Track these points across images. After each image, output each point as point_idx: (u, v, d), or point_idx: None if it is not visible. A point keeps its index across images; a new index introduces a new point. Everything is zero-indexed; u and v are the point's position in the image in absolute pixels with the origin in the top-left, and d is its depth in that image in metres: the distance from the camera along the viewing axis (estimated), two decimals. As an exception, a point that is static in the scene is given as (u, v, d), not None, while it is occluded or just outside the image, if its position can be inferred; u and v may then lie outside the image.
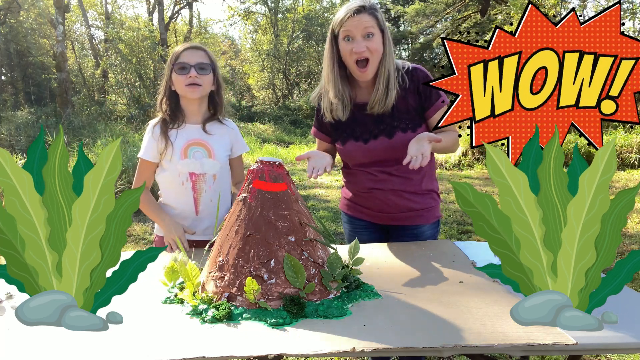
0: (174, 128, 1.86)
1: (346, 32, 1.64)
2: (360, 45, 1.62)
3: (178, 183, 1.84)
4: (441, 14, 20.97)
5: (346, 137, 1.81)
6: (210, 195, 1.87)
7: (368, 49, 1.62)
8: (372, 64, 1.66)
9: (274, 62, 22.09)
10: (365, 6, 1.63)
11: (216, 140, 1.89)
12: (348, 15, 1.62)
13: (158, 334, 1.08)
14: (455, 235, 4.69)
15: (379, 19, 1.65)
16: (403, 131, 1.74)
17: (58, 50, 13.37)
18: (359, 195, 1.89)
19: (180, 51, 1.84)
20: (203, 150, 1.85)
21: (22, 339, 1.06)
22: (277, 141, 14.14)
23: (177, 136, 1.85)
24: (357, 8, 1.62)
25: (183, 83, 1.80)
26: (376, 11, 1.65)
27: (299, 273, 1.21)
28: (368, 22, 1.61)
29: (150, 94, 15.73)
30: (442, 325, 1.10)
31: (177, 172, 1.83)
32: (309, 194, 6.77)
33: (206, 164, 1.84)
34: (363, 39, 1.62)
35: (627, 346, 1.03)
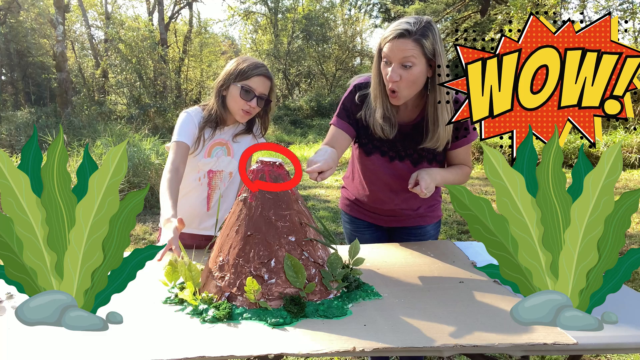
0: (211, 127, 1.86)
1: (385, 55, 1.50)
2: (394, 74, 1.47)
3: (195, 179, 1.87)
4: (441, 14, 20.95)
5: (374, 149, 1.73)
6: (222, 191, 1.90)
7: (402, 79, 1.48)
8: (402, 94, 1.53)
9: (274, 62, 22.08)
10: (411, 31, 1.45)
11: (240, 145, 1.91)
12: (391, 37, 1.47)
13: (158, 334, 1.08)
14: (455, 235, 4.69)
15: (425, 47, 1.45)
16: (429, 162, 1.71)
17: (58, 50, 13.37)
18: (361, 198, 1.87)
19: (252, 73, 1.77)
20: (223, 149, 1.89)
21: (22, 339, 1.06)
22: (277, 141, 14.15)
23: (210, 134, 1.87)
24: (402, 32, 1.45)
25: (240, 106, 1.78)
26: (424, 37, 1.45)
27: (299, 273, 1.21)
28: (410, 50, 1.44)
29: (150, 94, 15.72)
30: (442, 325, 1.10)
31: (197, 168, 1.86)
32: (309, 194, 6.77)
33: (224, 161, 1.88)
34: (399, 67, 1.47)
35: (627, 346, 1.03)
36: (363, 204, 1.87)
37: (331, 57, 22.95)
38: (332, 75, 22.71)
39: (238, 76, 1.77)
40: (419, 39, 1.45)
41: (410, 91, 1.53)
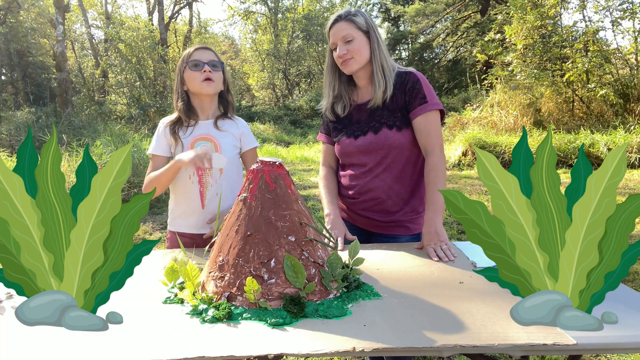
0: (188, 126, 1.93)
1: (332, 43, 1.82)
2: (341, 50, 1.77)
3: (185, 177, 1.88)
4: (441, 14, 20.97)
5: (342, 134, 1.91)
6: (216, 189, 1.90)
7: (349, 51, 1.76)
8: (354, 61, 1.78)
9: (274, 62, 22.11)
10: (342, 15, 1.79)
11: (225, 135, 1.94)
12: (328, 28, 1.82)
13: (158, 334, 1.07)
14: (455, 235, 4.69)
15: (357, 23, 1.76)
16: (389, 128, 1.80)
17: (58, 50, 13.37)
18: (345, 199, 1.96)
19: (191, 51, 1.92)
20: (210, 146, 1.90)
21: (22, 339, 1.06)
22: (277, 141, 14.15)
23: (188, 133, 1.91)
24: (335, 19, 1.80)
25: (198, 79, 1.88)
26: (353, 16, 1.77)
27: (299, 273, 1.21)
28: (345, 29, 1.76)
29: (150, 94, 15.73)
30: (442, 325, 1.10)
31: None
32: (309, 194, 6.77)
33: (212, 158, 1.87)
34: (343, 44, 1.77)
35: (627, 346, 1.02)
36: (345, 202, 1.97)
37: (331, 57, 22.90)
38: (332, 75, 22.65)
39: (184, 61, 1.92)
40: (350, 18, 1.77)
41: (360, 57, 1.78)
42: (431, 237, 1.66)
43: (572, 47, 10.87)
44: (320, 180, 2.01)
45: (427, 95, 1.76)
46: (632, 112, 9.95)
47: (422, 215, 1.92)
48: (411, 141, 1.81)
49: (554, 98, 10.81)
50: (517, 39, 11.15)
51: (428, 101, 1.75)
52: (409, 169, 1.83)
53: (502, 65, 12.01)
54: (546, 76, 10.66)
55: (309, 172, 8.84)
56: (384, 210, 1.86)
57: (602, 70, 10.41)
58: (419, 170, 1.86)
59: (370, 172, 1.84)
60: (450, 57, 22.54)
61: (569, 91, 10.72)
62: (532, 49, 11.11)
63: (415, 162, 1.84)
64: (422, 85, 1.77)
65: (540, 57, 11.13)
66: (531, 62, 11.15)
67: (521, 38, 11.06)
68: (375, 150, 1.81)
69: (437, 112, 1.78)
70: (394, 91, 1.79)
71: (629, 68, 10.97)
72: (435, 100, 1.77)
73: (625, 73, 10.84)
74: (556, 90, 10.70)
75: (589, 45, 10.66)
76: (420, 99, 1.76)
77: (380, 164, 1.82)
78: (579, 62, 10.28)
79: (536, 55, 11.12)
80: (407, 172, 1.83)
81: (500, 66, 12.05)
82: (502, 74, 11.71)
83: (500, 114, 10.80)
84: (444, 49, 23.50)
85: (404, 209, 1.86)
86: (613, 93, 9.99)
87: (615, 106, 10.14)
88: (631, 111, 9.99)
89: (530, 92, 10.98)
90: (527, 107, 10.75)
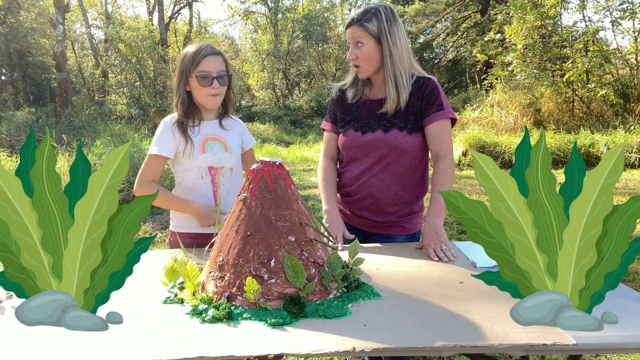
0: (194, 126, 1.91)
1: (348, 41, 1.85)
2: (351, 54, 1.81)
3: (197, 177, 1.89)
4: (441, 14, 20.96)
5: (349, 127, 1.90)
6: (228, 188, 1.92)
7: (358, 58, 1.79)
8: (363, 68, 1.81)
9: (274, 62, 22.10)
10: (354, 18, 1.79)
11: (230, 134, 1.96)
12: (345, 27, 1.85)
13: (158, 334, 1.08)
14: (455, 235, 4.69)
15: (369, 29, 1.75)
16: (400, 129, 1.80)
17: (58, 50, 13.37)
18: (342, 198, 1.98)
19: (200, 59, 1.82)
20: (219, 145, 1.91)
21: (22, 339, 1.06)
22: (277, 141, 14.15)
23: (195, 133, 1.90)
24: (349, 22, 1.81)
25: (205, 93, 1.85)
26: (366, 21, 1.75)
27: (299, 273, 1.21)
28: (356, 33, 1.77)
29: (150, 94, 15.72)
30: (442, 325, 1.10)
31: (197, 167, 1.87)
32: (309, 194, 6.77)
33: (223, 158, 1.90)
34: (355, 47, 1.79)
35: (627, 346, 1.02)
36: (342, 200, 1.98)
37: (331, 57, 22.95)
38: (332, 75, 22.70)
39: (190, 68, 1.83)
40: (362, 24, 1.76)
41: (369, 65, 1.80)
42: (431, 237, 1.66)
43: (572, 47, 10.87)
44: (320, 172, 1.99)
45: (444, 103, 1.80)
46: (632, 112, 9.95)
47: (418, 215, 1.94)
48: (418, 146, 1.82)
49: (554, 98, 10.80)
50: (517, 39, 11.14)
51: (444, 109, 1.79)
52: (410, 172, 1.84)
53: (502, 65, 12.01)
54: (546, 76, 10.65)
55: (309, 172, 8.84)
56: (380, 210, 1.86)
57: (602, 70, 10.41)
58: (420, 175, 1.88)
59: (369, 170, 1.84)
60: (450, 57, 22.55)
61: (569, 91, 10.71)
62: (532, 49, 11.11)
63: (417, 166, 1.85)
64: (440, 93, 1.80)
65: (540, 57, 11.13)
66: (531, 62, 11.15)
67: (521, 38, 11.06)
68: (379, 147, 1.82)
69: (450, 121, 1.81)
70: (410, 97, 1.80)
71: (629, 68, 10.98)
72: (450, 109, 1.80)
73: (625, 73, 10.84)
74: (556, 90, 10.70)
75: (589, 45, 10.66)
76: (438, 105, 1.78)
77: (380, 162, 1.82)
78: (579, 62, 10.28)
79: (536, 55, 11.12)
80: (408, 175, 1.84)
81: (500, 66, 12.04)
82: (502, 74, 11.71)
83: (500, 114, 10.80)
84: (444, 49, 23.51)
85: (400, 210, 1.87)
86: (613, 93, 9.99)
87: (615, 106, 10.14)
88: (631, 111, 9.99)
89: (530, 92, 10.97)
90: (527, 107, 10.75)
